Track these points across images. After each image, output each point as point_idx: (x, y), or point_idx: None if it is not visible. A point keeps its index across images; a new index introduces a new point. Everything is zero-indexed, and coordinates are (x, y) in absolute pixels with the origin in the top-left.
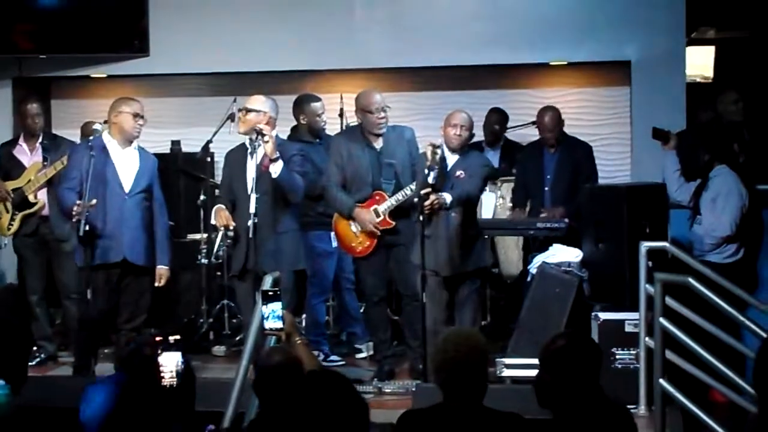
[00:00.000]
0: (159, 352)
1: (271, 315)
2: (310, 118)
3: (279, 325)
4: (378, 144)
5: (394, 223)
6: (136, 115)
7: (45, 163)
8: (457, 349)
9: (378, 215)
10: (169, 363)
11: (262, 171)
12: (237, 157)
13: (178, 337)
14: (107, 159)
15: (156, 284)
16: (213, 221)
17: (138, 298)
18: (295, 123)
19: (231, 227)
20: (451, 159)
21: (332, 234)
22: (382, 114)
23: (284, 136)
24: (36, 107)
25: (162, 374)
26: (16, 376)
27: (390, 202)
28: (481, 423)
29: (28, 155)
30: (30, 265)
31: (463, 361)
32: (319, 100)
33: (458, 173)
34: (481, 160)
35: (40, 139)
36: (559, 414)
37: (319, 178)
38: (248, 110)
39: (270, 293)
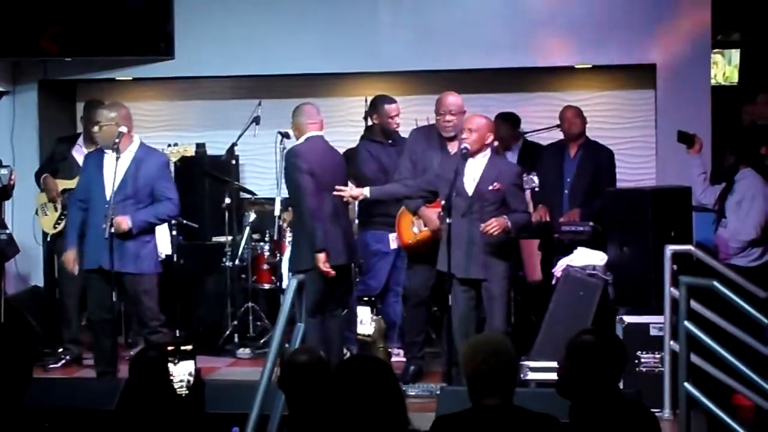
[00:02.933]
0: (174, 361)
1: (362, 320)
2: (382, 119)
3: (369, 331)
4: (453, 148)
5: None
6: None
7: None
8: (485, 356)
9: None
10: (180, 373)
11: None
12: None
13: (190, 347)
14: (100, 166)
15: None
16: None
17: (136, 303)
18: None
19: None
20: (475, 164)
21: (391, 236)
22: (448, 117)
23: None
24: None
25: (171, 383)
26: (19, 379)
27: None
28: (516, 424)
29: None
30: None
31: (492, 367)
32: (393, 102)
33: (494, 185)
34: (512, 171)
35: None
36: (576, 404)
37: (384, 178)
38: None
39: (364, 299)
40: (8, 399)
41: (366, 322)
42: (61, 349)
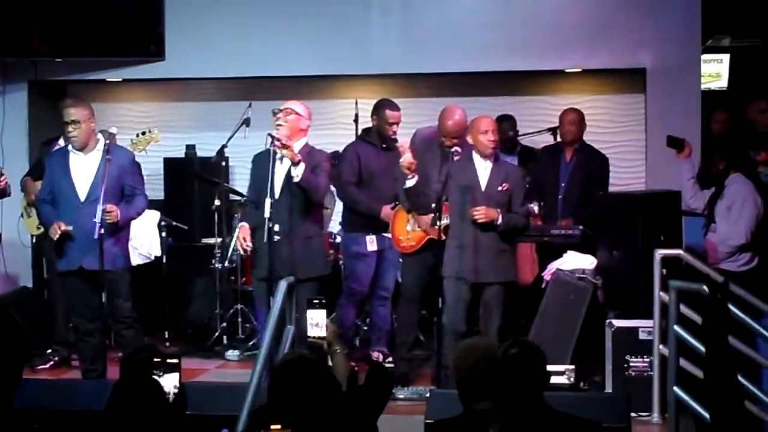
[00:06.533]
0: (159, 374)
1: (315, 323)
2: (380, 123)
3: (322, 333)
4: (456, 156)
5: (445, 237)
6: (66, 123)
7: None
8: (476, 360)
9: (434, 224)
10: (165, 386)
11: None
12: (264, 160)
13: (176, 360)
14: (66, 166)
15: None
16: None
17: (113, 299)
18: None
19: (248, 249)
20: (483, 165)
21: (368, 238)
22: (448, 143)
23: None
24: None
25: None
26: (8, 381)
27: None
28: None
29: None
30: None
31: (483, 371)
32: (396, 109)
33: (504, 186)
34: (519, 173)
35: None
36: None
37: (372, 181)
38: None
39: (315, 301)
40: None
41: (321, 325)
42: (49, 350)
